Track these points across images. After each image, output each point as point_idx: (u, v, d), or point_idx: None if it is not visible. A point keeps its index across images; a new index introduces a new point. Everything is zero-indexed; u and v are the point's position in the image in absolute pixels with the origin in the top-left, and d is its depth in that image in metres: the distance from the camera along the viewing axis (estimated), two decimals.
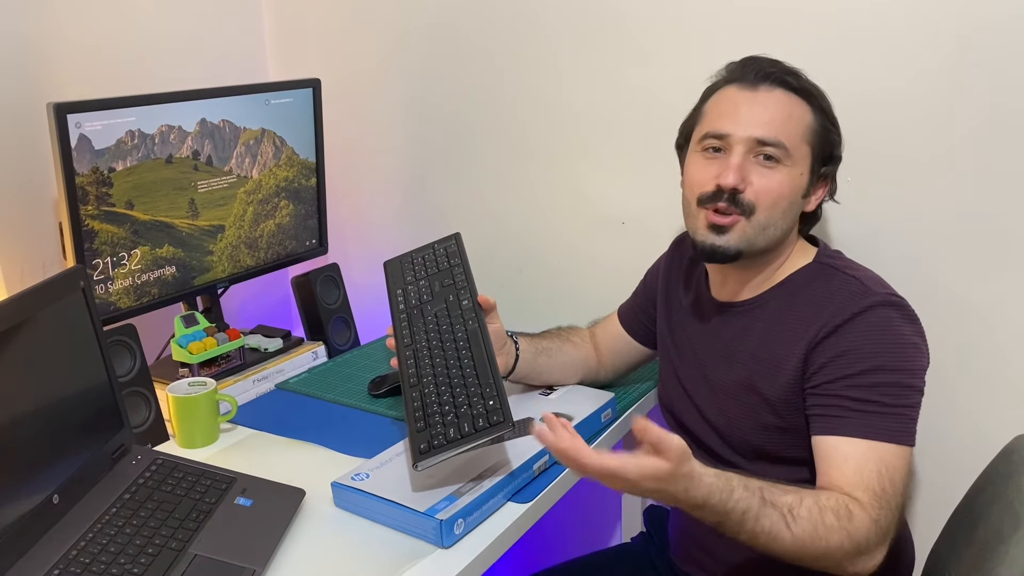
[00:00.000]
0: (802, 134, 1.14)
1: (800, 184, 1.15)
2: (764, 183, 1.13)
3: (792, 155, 1.13)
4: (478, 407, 1.10)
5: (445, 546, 1.06)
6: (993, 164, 1.32)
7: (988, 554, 0.99)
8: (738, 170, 1.12)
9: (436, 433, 1.09)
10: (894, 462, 1.05)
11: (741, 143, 1.13)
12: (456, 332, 1.24)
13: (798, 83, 1.15)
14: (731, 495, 0.95)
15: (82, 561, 0.96)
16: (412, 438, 1.10)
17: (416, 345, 1.24)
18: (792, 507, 0.98)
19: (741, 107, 1.15)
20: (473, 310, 1.26)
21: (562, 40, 1.64)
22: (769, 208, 1.14)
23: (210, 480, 1.15)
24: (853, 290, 1.12)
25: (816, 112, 1.16)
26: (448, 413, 1.11)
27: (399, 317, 1.31)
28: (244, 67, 1.91)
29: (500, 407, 1.09)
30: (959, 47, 1.31)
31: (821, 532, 0.98)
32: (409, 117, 1.87)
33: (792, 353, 1.13)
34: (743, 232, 1.14)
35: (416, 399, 1.16)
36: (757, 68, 1.16)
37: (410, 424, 1.13)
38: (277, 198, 1.68)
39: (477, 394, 1.12)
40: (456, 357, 1.20)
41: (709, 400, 1.24)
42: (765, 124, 1.13)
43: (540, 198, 1.76)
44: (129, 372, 1.35)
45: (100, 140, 1.34)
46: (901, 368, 1.08)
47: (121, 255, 1.41)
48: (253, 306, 1.96)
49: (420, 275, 1.38)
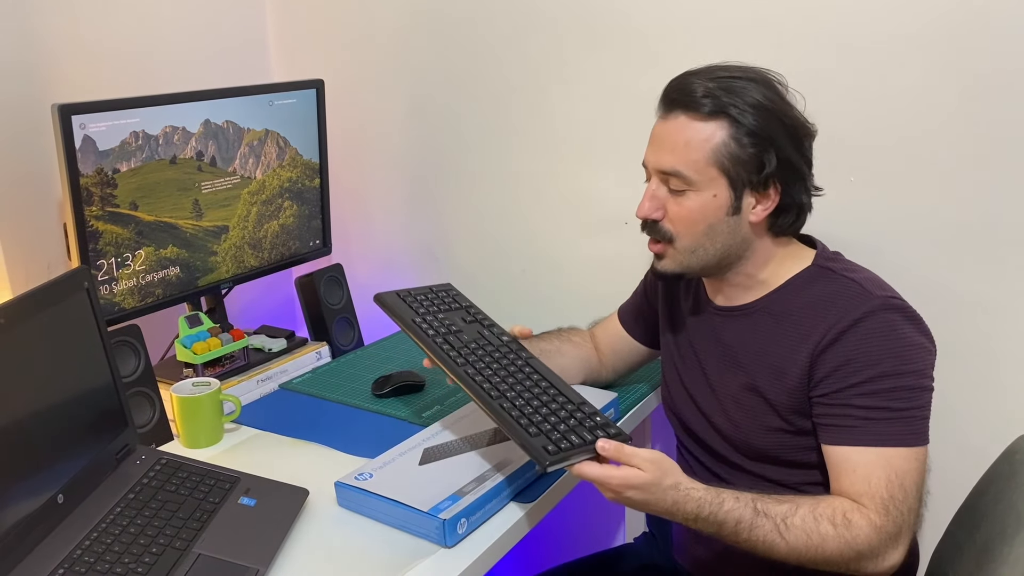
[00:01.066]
0: (705, 158, 1.11)
1: (719, 204, 1.13)
2: (676, 210, 1.15)
3: (696, 181, 1.12)
4: (587, 422, 1.08)
5: (448, 546, 1.06)
6: (994, 164, 1.32)
7: (991, 554, 0.99)
8: (649, 200, 1.17)
9: (557, 439, 1.05)
10: (904, 466, 1.05)
11: (655, 173, 1.17)
12: (514, 361, 1.20)
13: (708, 104, 1.10)
14: (721, 507, 1.01)
15: (86, 560, 0.96)
16: (528, 441, 1.05)
17: (476, 365, 1.18)
18: (786, 516, 1.02)
19: (654, 137, 1.17)
20: (517, 342, 1.25)
21: (566, 42, 1.64)
22: (688, 234, 1.16)
23: (214, 480, 1.15)
24: (853, 294, 1.12)
25: (731, 127, 1.10)
26: (557, 424, 1.08)
27: (435, 343, 1.22)
28: (248, 68, 1.92)
29: (610, 422, 1.09)
30: (960, 46, 1.31)
31: (815, 540, 1.01)
32: (412, 118, 1.87)
33: (795, 359, 1.13)
34: (674, 257, 1.18)
35: (511, 408, 1.10)
36: (666, 95, 1.16)
37: (518, 432, 1.06)
38: (281, 199, 1.68)
39: (576, 411, 1.11)
40: (529, 379, 1.16)
41: (713, 404, 1.24)
42: (665, 154, 1.14)
43: (543, 199, 1.76)
44: (133, 372, 1.35)
45: (104, 141, 1.34)
46: (907, 371, 1.08)
47: (125, 256, 1.41)
48: (257, 306, 1.97)
49: (432, 309, 1.30)
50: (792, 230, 1.19)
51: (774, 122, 1.11)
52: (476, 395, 1.14)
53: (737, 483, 1.22)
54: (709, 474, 1.27)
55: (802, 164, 1.14)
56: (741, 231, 1.16)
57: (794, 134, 1.13)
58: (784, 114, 1.12)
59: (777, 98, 1.13)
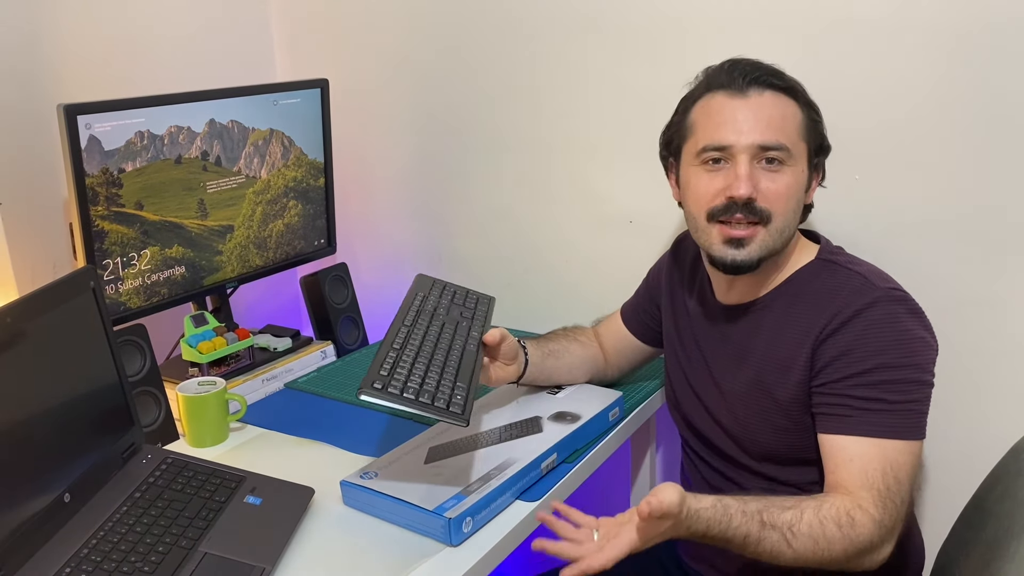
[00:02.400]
0: (797, 131, 1.14)
1: (803, 180, 1.16)
2: (774, 187, 1.12)
3: (793, 154, 1.13)
4: (445, 391, 1.09)
5: (453, 544, 1.07)
6: (997, 162, 1.32)
7: (998, 551, 0.99)
8: (748, 179, 1.11)
9: (395, 381, 1.07)
10: (899, 459, 1.05)
11: (745, 151, 1.12)
12: (456, 338, 1.24)
13: (783, 82, 1.14)
14: (729, 523, 0.99)
15: (93, 559, 0.97)
16: (369, 374, 1.08)
17: (414, 327, 1.23)
18: (792, 524, 1.01)
19: (737, 115, 1.12)
20: (477, 339, 1.26)
21: (570, 39, 1.64)
22: (783, 211, 1.13)
23: (220, 479, 1.15)
24: (856, 286, 1.12)
25: (803, 107, 1.15)
26: (414, 376, 1.10)
27: (406, 308, 1.29)
28: (252, 68, 1.92)
29: (464, 405, 1.08)
30: (961, 45, 1.30)
31: (822, 544, 1.01)
32: (417, 117, 1.87)
33: (800, 351, 1.13)
34: (763, 241, 1.13)
35: (391, 355, 1.13)
36: (743, 73, 1.14)
37: (374, 367, 1.10)
38: (286, 198, 1.69)
39: (449, 383, 1.11)
40: (446, 349, 1.19)
41: (719, 403, 1.24)
42: (764, 129, 1.11)
43: (548, 197, 1.76)
44: (139, 372, 1.35)
45: (110, 141, 1.35)
46: (907, 364, 1.08)
47: (131, 255, 1.42)
48: (262, 306, 1.97)
49: (445, 299, 1.36)
50: (805, 219, 1.21)
51: (815, 105, 1.17)
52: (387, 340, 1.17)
53: (743, 483, 1.22)
54: (714, 473, 1.27)
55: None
56: (800, 211, 1.18)
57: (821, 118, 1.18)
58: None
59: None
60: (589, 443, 1.32)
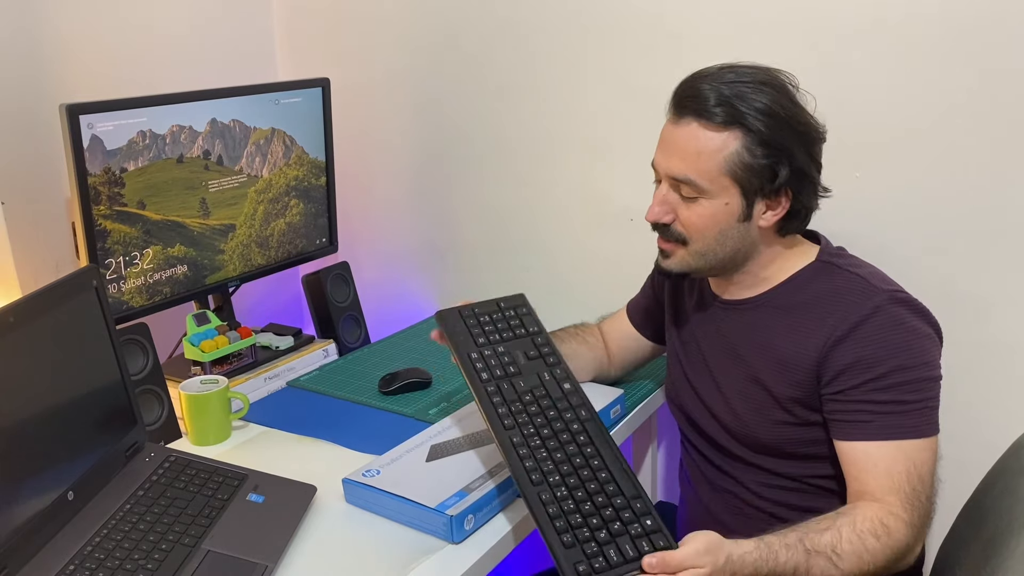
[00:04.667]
0: (718, 167, 1.10)
1: (731, 211, 1.12)
2: (687, 215, 1.15)
3: (708, 189, 1.11)
4: (634, 527, 0.97)
5: (455, 542, 1.07)
6: (999, 159, 1.32)
7: (998, 548, 0.99)
8: (660, 204, 1.16)
9: (593, 553, 0.94)
10: (920, 456, 1.07)
11: (664, 178, 1.16)
12: (570, 423, 1.09)
13: (720, 113, 1.08)
14: (776, 560, 0.99)
15: (97, 557, 0.97)
16: (561, 554, 0.94)
17: (523, 431, 1.07)
18: (834, 546, 1.01)
19: (665, 141, 1.16)
20: (579, 395, 1.13)
21: (571, 39, 1.64)
22: (699, 238, 1.15)
23: (222, 477, 1.16)
24: (859, 289, 1.12)
25: (745, 136, 1.08)
26: (598, 528, 0.97)
27: (486, 390, 1.13)
28: (254, 67, 1.92)
29: (660, 529, 0.97)
30: (967, 40, 1.30)
31: (867, 559, 1.02)
32: (418, 115, 1.87)
33: (803, 353, 1.14)
34: (682, 258, 1.18)
35: (549, 502, 0.99)
36: (679, 98, 1.13)
37: (552, 537, 0.96)
38: (287, 197, 1.69)
39: (626, 507, 0.99)
40: (581, 455, 1.04)
41: (717, 397, 1.25)
42: (676, 161, 1.13)
43: (549, 196, 1.76)
44: (142, 370, 1.36)
45: (112, 141, 1.35)
46: (918, 363, 1.09)
47: (133, 254, 1.42)
48: (264, 304, 1.97)
49: (493, 338, 1.20)
50: (799, 230, 1.19)
51: (787, 130, 1.10)
52: (515, 474, 1.04)
53: (741, 477, 1.23)
54: (713, 468, 1.28)
55: (813, 169, 1.14)
56: (751, 235, 1.16)
57: (806, 140, 1.12)
58: (796, 120, 1.11)
59: (789, 103, 1.11)
60: None
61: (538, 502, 1.00)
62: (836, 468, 1.14)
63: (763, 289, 1.21)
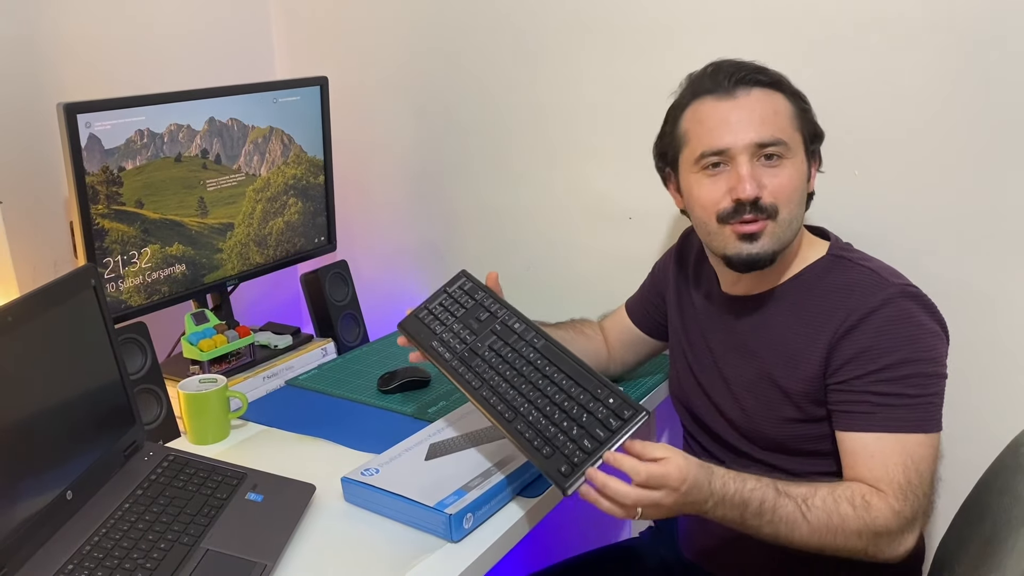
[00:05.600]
0: (790, 123, 1.15)
1: (804, 171, 1.17)
2: (777, 182, 1.13)
3: (791, 147, 1.14)
4: (600, 411, 1.03)
5: (454, 540, 1.07)
6: (1000, 155, 1.32)
7: (997, 546, 0.99)
8: (751, 179, 1.12)
9: (570, 451, 1.01)
10: (919, 451, 1.07)
11: (743, 152, 1.12)
12: (527, 355, 1.14)
13: (768, 78, 1.15)
14: (745, 484, 1.01)
15: (95, 556, 0.97)
16: (545, 467, 1.02)
17: (490, 383, 1.14)
18: (806, 497, 1.02)
19: (730, 116, 1.13)
20: (529, 328, 1.18)
21: (570, 37, 1.64)
22: (788, 204, 1.14)
23: (221, 476, 1.16)
24: (870, 282, 1.13)
25: (791, 98, 1.16)
26: (570, 428, 1.03)
27: (452, 366, 1.20)
28: (252, 66, 1.92)
29: (624, 401, 1.02)
30: (967, 38, 1.30)
31: (836, 521, 1.01)
32: (416, 114, 1.87)
33: (813, 347, 1.14)
34: (773, 233, 1.14)
35: (524, 429, 1.07)
36: (727, 74, 1.15)
37: (535, 457, 1.04)
38: (286, 196, 1.69)
39: (590, 399, 1.05)
40: (542, 376, 1.11)
41: (724, 394, 1.25)
42: (759, 126, 1.12)
43: (547, 194, 1.76)
44: (140, 370, 1.36)
45: (110, 139, 1.35)
46: (924, 358, 1.09)
47: (131, 253, 1.42)
48: (263, 303, 1.97)
49: (448, 321, 1.26)
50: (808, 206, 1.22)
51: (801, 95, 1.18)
52: (495, 420, 1.11)
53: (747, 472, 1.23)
54: (717, 463, 1.28)
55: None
56: (804, 201, 1.19)
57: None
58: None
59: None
60: None
61: (517, 434, 1.07)
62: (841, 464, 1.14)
63: (774, 283, 1.21)
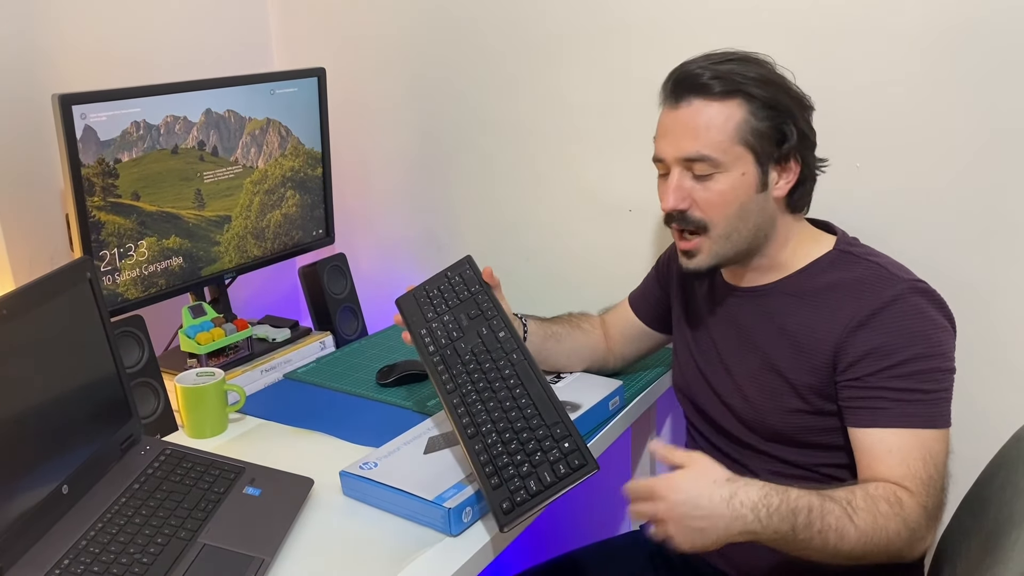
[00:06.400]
0: (730, 137, 1.11)
1: (748, 183, 1.13)
2: (705, 196, 1.14)
3: (723, 162, 1.12)
4: (553, 452, 1.04)
5: (453, 534, 1.06)
6: (1002, 149, 1.31)
7: (999, 539, 0.98)
8: (675, 191, 1.14)
9: (516, 488, 1.02)
10: (935, 446, 1.07)
11: (675, 164, 1.15)
12: (503, 369, 1.17)
13: (720, 85, 1.11)
14: (788, 493, 0.98)
15: (91, 551, 0.97)
16: (489, 496, 1.04)
17: (462, 390, 1.17)
18: (849, 499, 1.00)
19: (668, 128, 1.16)
20: (512, 340, 1.20)
21: (568, 29, 1.63)
22: (721, 218, 1.14)
23: (219, 470, 1.15)
24: (880, 277, 1.13)
25: (748, 103, 1.11)
26: (522, 463, 1.05)
27: (432, 361, 1.22)
28: (249, 57, 1.91)
29: (578, 448, 1.04)
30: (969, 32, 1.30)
31: (880, 522, 0.99)
32: (415, 106, 1.86)
33: (822, 340, 1.13)
34: (709, 249, 1.17)
35: (481, 451, 1.08)
36: (674, 84, 1.15)
37: (483, 481, 1.06)
38: (283, 188, 1.68)
39: (547, 436, 1.06)
40: (511, 397, 1.13)
41: (728, 385, 1.25)
42: (686, 141, 1.13)
43: (547, 186, 1.75)
44: (137, 363, 1.35)
45: (105, 131, 1.34)
46: (936, 353, 1.09)
47: (128, 246, 1.41)
48: (260, 296, 1.97)
49: (441, 309, 1.28)
50: (806, 203, 1.21)
51: (783, 94, 1.13)
52: (456, 428, 1.13)
53: (751, 464, 1.23)
54: (722, 456, 1.28)
55: (812, 135, 1.17)
56: (768, 208, 1.17)
57: (800, 105, 1.15)
58: (788, 86, 1.15)
59: (776, 73, 1.15)
60: (589, 432, 1.32)
61: (473, 452, 1.09)
62: (848, 457, 1.13)
63: (778, 276, 1.21)
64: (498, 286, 1.30)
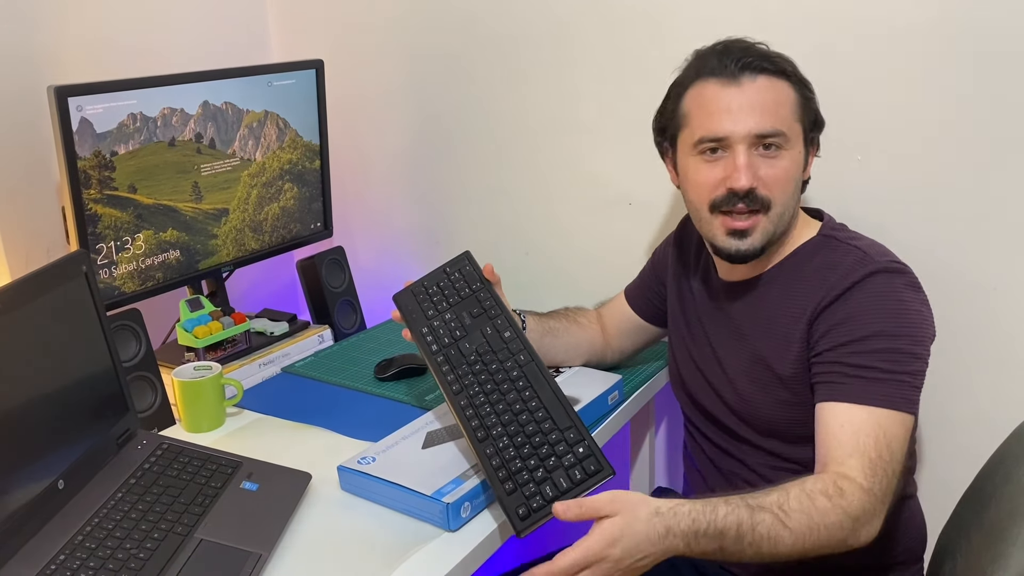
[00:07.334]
0: (792, 114, 1.13)
1: (800, 161, 1.15)
2: (773, 173, 1.12)
3: (790, 138, 1.12)
4: (568, 457, 1.03)
5: (451, 529, 1.06)
6: (1001, 144, 1.31)
7: (1000, 534, 0.98)
8: (748, 170, 1.11)
9: (531, 494, 1.01)
10: (892, 429, 1.04)
11: (742, 141, 1.11)
12: (510, 371, 1.14)
13: (774, 65, 1.12)
14: (716, 513, 0.95)
15: (88, 546, 0.96)
16: (504, 503, 1.02)
17: (469, 391, 1.14)
18: (781, 503, 0.97)
19: (732, 103, 1.11)
20: (518, 340, 1.17)
21: (570, 20, 1.62)
22: (782, 196, 1.13)
23: (216, 464, 1.14)
24: (855, 259, 1.12)
25: (796, 86, 1.14)
26: (536, 468, 1.03)
27: (436, 361, 1.19)
28: (246, 49, 1.90)
29: (592, 453, 1.02)
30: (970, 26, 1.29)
31: (816, 519, 0.97)
32: (413, 98, 1.85)
33: (797, 326, 1.13)
34: (764, 229, 1.14)
35: (493, 455, 1.06)
36: (734, 58, 1.12)
37: (496, 487, 1.03)
38: (281, 181, 1.67)
39: (560, 440, 1.04)
40: (520, 400, 1.10)
41: (722, 379, 1.25)
42: (760, 117, 1.10)
43: (546, 179, 1.75)
44: (134, 357, 1.34)
45: (102, 123, 1.33)
46: (902, 334, 1.07)
47: (125, 239, 1.40)
48: (258, 290, 1.96)
49: (442, 307, 1.25)
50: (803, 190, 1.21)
51: (806, 81, 1.16)
52: (465, 431, 1.11)
53: (747, 459, 1.22)
54: (718, 450, 1.28)
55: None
56: (799, 191, 1.18)
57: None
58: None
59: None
60: (588, 427, 1.31)
61: (484, 456, 1.06)
62: None
63: (767, 266, 1.21)
64: (498, 283, 1.29)
